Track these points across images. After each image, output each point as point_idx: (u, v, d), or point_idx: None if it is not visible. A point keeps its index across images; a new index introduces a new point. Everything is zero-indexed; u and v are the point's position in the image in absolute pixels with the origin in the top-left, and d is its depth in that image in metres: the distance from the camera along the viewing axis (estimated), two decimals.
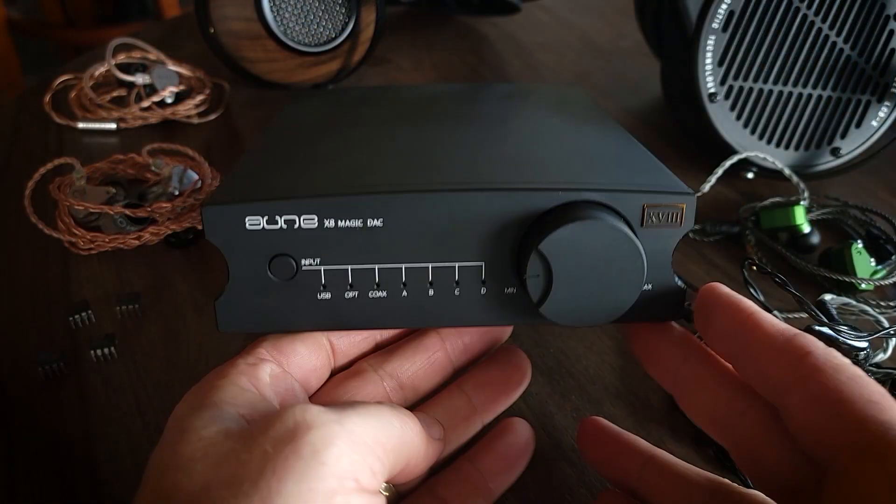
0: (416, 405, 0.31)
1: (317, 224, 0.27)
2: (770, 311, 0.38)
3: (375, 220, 0.27)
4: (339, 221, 0.27)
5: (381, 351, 0.32)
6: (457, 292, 0.28)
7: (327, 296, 0.28)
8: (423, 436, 0.26)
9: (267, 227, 0.27)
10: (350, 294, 0.28)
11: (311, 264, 0.27)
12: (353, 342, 0.31)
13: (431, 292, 0.28)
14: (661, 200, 0.27)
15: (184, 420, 0.24)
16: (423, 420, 0.28)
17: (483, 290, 0.28)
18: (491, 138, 0.34)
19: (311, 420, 0.22)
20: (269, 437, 0.22)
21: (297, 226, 0.27)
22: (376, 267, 0.28)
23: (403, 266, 0.28)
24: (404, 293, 0.28)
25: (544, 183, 0.27)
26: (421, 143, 0.33)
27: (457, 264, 0.28)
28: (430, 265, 0.28)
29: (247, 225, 0.27)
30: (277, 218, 0.27)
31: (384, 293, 0.28)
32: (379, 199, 0.26)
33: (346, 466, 0.22)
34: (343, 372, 0.31)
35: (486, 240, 0.27)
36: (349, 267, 0.28)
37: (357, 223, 0.27)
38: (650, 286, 0.28)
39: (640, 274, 0.27)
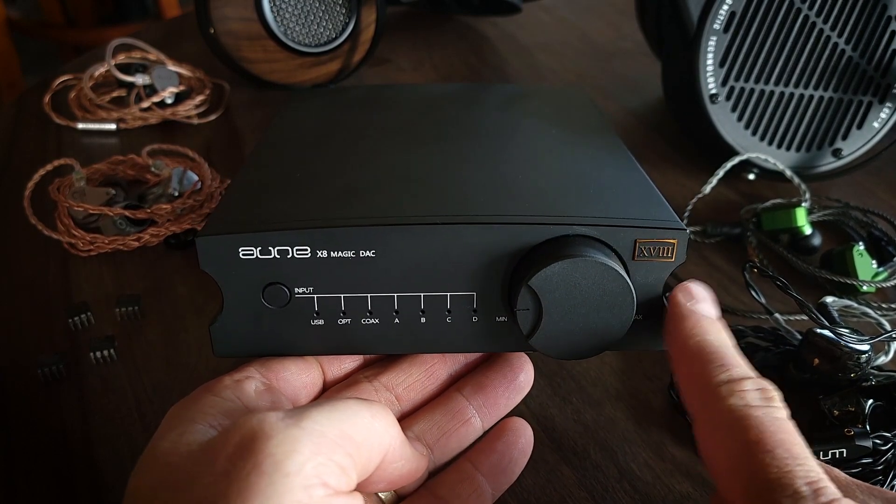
0: (413, 412, 0.31)
1: (309, 254, 0.27)
2: (772, 314, 0.38)
3: (368, 251, 0.27)
4: (332, 252, 0.27)
5: (379, 363, 0.32)
6: (448, 320, 0.29)
7: (321, 322, 0.28)
8: (398, 429, 0.25)
9: (260, 256, 0.27)
10: (343, 321, 0.29)
11: (304, 292, 0.28)
12: (342, 365, 0.31)
13: (423, 320, 0.29)
14: (654, 236, 0.27)
15: (157, 442, 0.24)
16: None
17: (474, 319, 0.29)
18: (486, 159, 0.34)
19: (269, 428, 0.21)
20: (227, 454, 0.21)
21: (290, 256, 0.27)
22: (369, 295, 0.28)
23: (395, 295, 0.28)
24: (396, 320, 0.29)
25: (536, 216, 0.27)
26: (416, 164, 0.33)
27: (448, 294, 0.28)
28: (422, 294, 0.28)
29: (240, 255, 0.27)
30: (270, 249, 0.27)
31: (377, 320, 0.29)
32: (371, 231, 0.27)
33: (311, 472, 0.21)
34: (338, 384, 0.31)
35: (478, 270, 0.28)
36: (342, 295, 0.28)
37: (349, 254, 0.27)
38: (641, 316, 0.29)
39: (630, 308, 0.27)
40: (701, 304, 0.27)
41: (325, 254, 0.27)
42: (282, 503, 0.20)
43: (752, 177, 0.55)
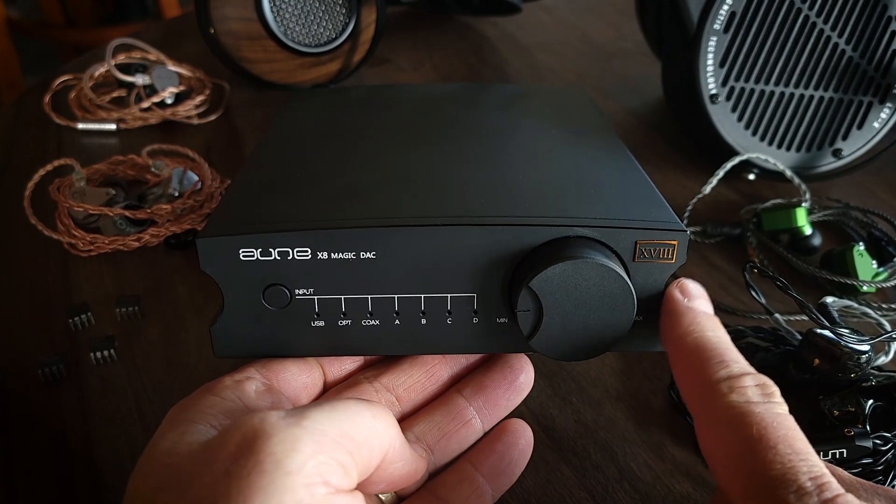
0: (414, 413, 0.31)
1: (310, 256, 0.27)
2: (772, 314, 0.38)
3: (368, 252, 0.27)
4: (333, 253, 0.27)
5: (379, 364, 0.32)
6: (449, 321, 0.29)
7: (321, 323, 0.29)
8: (398, 430, 0.25)
9: (261, 258, 0.27)
10: (343, 322, 0.29)
11: (304, 293, 0.28)
12: (342, 366, 0.31)
13: (424, 321, 0.29)
14: (654, 237, 0.27)
15: (157, 442, 0.24)
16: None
17: (475, 320, 0.29)
18: (486, 159, 0.34)
19: (270, 427, 0.21)
20: (228, 453, 0.21)
21: (290, 257, 0.27)
22: (369, 297, 0.28)
23: (396, 296, 0.28)
24: (397, 322, 0.29)
25: (537, 217, 0.27)
26: (416, 164, 0.33)
27: (449, 295, 0.28)
28: (422, 296, 0.28)
29: (241, 256, 0.27)
30: (271, 250, 0.27)
31: (377, 321, 0.29)
32: (372, 232, 0.27)
33: (312, 470, 0.21)
34: (339, 385, 0.31)
35: (479, 271, 0.28)
36: (342, 296, 0.28)
37: (350, 255, 0.27)
38: (641, 318, 0.29)
39: (630, 310, 0.27)
40: (697, 300, 0.27)
41: (325, 255, 0.27)
42: (283, 501, 0.20)
43: (752, 177, 0.55)
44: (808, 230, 0.47)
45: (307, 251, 0.27)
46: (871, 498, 0.23)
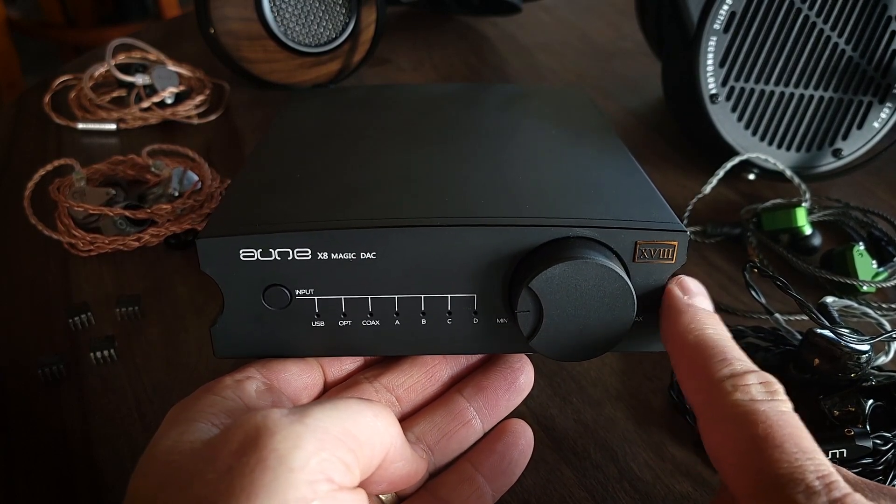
0: (414, 413, 0.31)
1: (310, 256, 0.27)
2: (772, 314, 0.38)
3: (368, 252, 0.27)
4: (333, 254, 0.27)
5: (379, 364, 0.32)
6: (449, 322, 0.29)
7: (321, 324, 0.29)
8: (399, 429, 0.25)
9: (261, 258, 0.27)
10: (344, 322, 0.29)
11: (304, 294, 0.28)
12: (343, 366, 0.31)
13: (424, 321, 0.29)
14: (654, 237, 0.27)
15: (158, 441, 0.24)
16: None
17: (475, 320, 0.29)
18: (486, 159, 0.34)
19: (273, 425, 0.21)
20: (230, 451, 0.21)
21: (290, 257, 0.27)
22: (369, 297, 0.28)
23: (396, 296, 0.28)
24: (397, 322, 0.29)
25: (537, 218, 0.27)
26: (416, 164, 0.33)
27: (449, 295, 0.28)
28: (422, 296, 0.28)
29: (241, 256, 0.27)
30: (271, 251, 0.27)
31: (377, 322, 0.29)
32: (372, 232, 0.27)
33: (315, 467, 0.21)
34: (339, 385, 0.31)
35: (479, 272, 0.28)
36: (342, 297, 0.28)
37: (350, 255, 0.27)
38: (641, 318, 0.29)
39: (631, 310, 0.27)
40: (697, 297, 0.27)
41: (325, 255, 0.27)
42: (286, 498, 0.20)
43: (752, 177, 0.55)
44: (808, 230, 0.47)
45: (307, 251, 0.27)
46: (877, 497, 0.23)
